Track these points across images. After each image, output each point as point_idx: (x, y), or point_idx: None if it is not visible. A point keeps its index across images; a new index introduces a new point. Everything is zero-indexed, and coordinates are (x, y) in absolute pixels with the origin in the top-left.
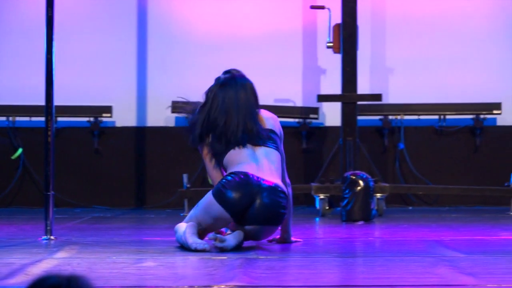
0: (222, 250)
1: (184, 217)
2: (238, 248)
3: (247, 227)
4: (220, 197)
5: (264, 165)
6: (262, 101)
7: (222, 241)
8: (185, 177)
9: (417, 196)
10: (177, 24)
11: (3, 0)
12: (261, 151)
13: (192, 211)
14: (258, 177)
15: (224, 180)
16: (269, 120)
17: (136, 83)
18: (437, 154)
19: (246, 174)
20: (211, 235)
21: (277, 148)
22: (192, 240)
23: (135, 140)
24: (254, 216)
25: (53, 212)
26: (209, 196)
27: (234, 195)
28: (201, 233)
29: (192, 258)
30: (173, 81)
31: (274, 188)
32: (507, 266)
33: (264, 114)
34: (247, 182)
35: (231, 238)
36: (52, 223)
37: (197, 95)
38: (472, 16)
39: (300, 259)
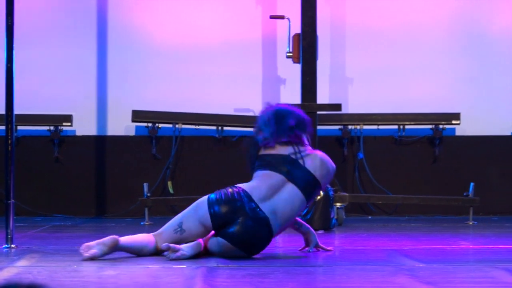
0: (177, 260)
1: (144, 226)
2: (198, 257)
3: (221, 240)
4: (210, 203)
5: (268, 194)
6: (222, 110)
7: (175, 251)
8: (145, 186)
9: (376, 206)
10: (137, 32)
11: None
12: (281, 184)
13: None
14: (250, 199)
15: (222, 190)
16: (315, 162)
17: (96, 91)
18: (396, 164)
19: (238, 193)
20: (164, 245)
21: (303, 189)
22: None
23: (95, 149)
24: (229, 234)
25: (14, 220)
26: (204, 197)
27: (221, 207)
28: (178, 242)
29: (152, 266)
30: (134, 89)
31: (260, 218)
32: (466, 275)
33: (318, 154)
34: (236, 199)
35: (187, 248)
36: (12, 232)
37: (157, 104)
38: (430, 27)
39: (261, 268)
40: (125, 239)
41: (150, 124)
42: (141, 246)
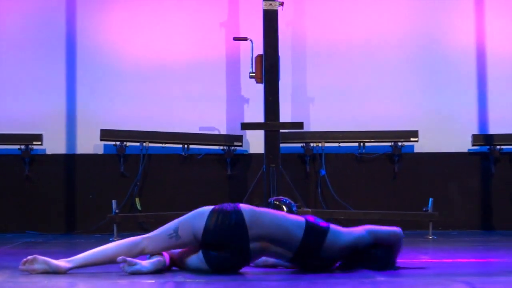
0: (132, 274)
1: (113, 241)
2: (166, 271)
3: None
4: (210, 217)
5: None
6: (187, 129)
7: (132, 264)
8: (114, 203)
9: (338, 221)
10: (106, 51)
11: None
12: None
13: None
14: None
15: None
16: None
17: (65, 110)
18: (357, 180)
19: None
20: (120, 258)
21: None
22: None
23: (65, 167)
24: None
25: None
26: (209, 207)
27: (218, 236)
28: (170, 248)
29: (122, 281)
30: (102, 108)
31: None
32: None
33: None
34: (235, 229)
35: (146, 263)
36: None
37: (125, 122)
38: (388, 46)
39: (228, 283)
40: (83, 258)
41: (118, 143)
42: (109, 257)
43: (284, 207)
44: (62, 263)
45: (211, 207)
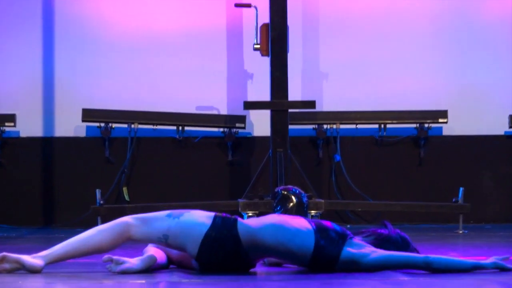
0: (123, 273)
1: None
2: (160, 270)
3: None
4: (204, 243)
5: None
6: (182, 108)
7: (118, 263)
8: (98, 192)
9: (355, 213)
10: (88, 23)
11: None
12: None
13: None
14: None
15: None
16: None
17: (42, 88)
18: (377, 167)
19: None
20: (105, 257)
21: None
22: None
23: (42, 151)
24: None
25: None
26: (211, 215)
27: (215, 261)
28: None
29: (107, 282)
30: (84, 86)
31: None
32: None
33: None
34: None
35: (136, 261)
36: None
37: (111, 102)
38: (414, 15)
39: (228, 283)
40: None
41: (102, 124)
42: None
43: (293, 197)
44: (37, 260)
45: (206, 227)
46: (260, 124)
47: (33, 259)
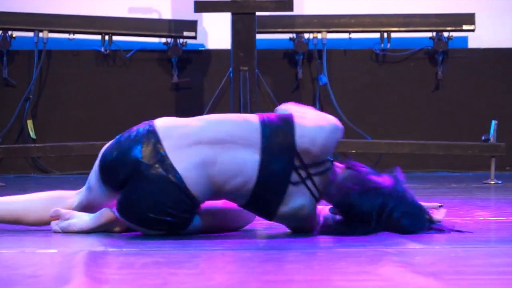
0: (64, 232)
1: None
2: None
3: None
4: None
5: None
6: (109, 11)
7: (66, 219)
8: None
9: (348, 156)
10: None
11: None
12: None
13: None
14: None
15: None
16: None
17: None
18: (378, 92)
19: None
20: (53, 211)
21: None
22: None
23: None
24: None
25: None
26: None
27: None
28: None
29: (7, 252)
30: None
31: None
32: (484, 262)
33: None
34: None
35: (88, 218)
36: None
37: (11, 2)
38: None
39: (172, 252)
40: None
41: (0, 32)
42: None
43: None
44: None
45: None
46: (216, 33)
47: None
